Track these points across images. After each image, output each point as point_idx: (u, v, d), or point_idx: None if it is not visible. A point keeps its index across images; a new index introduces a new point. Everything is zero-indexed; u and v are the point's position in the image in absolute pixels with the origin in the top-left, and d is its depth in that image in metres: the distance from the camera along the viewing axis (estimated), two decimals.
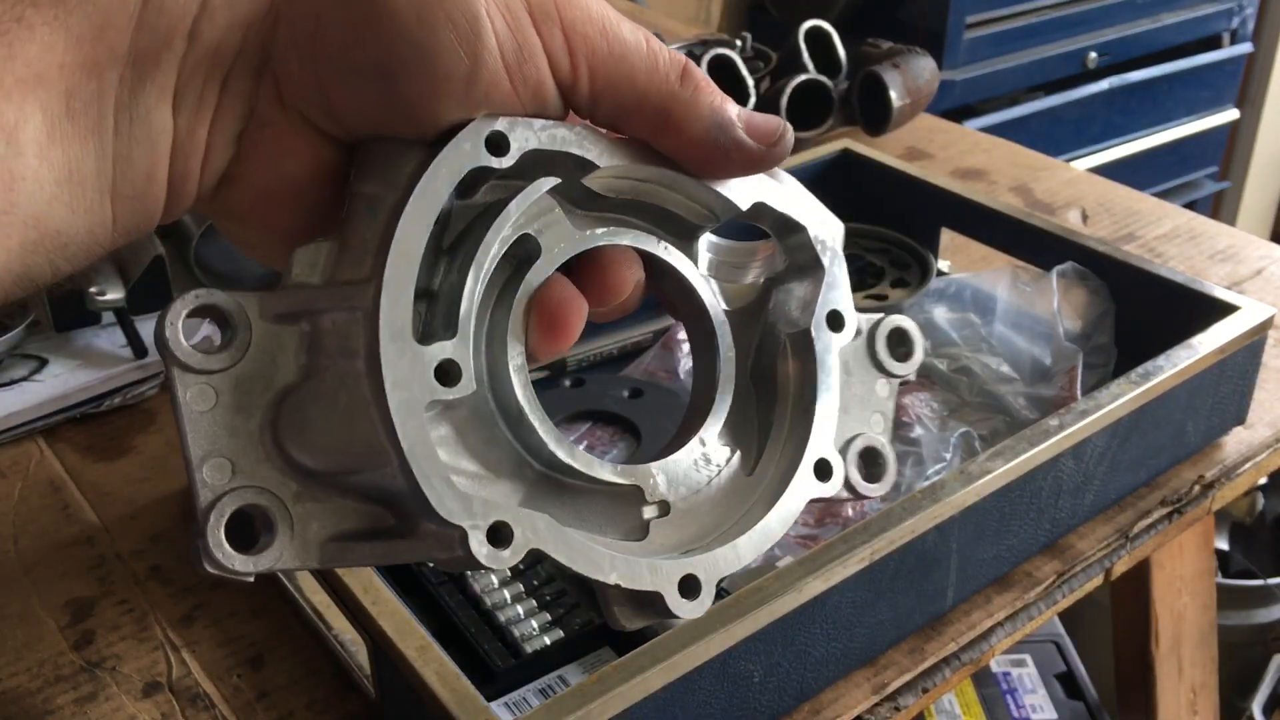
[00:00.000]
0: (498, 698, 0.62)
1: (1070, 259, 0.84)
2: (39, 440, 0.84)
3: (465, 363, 0.32)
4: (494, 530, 0.31)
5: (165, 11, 0.31)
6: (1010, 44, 2.11)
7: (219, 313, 0.32)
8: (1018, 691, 1.26)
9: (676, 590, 0.35)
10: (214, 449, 0.31)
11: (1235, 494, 0.80)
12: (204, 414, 0.31)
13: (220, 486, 0.30)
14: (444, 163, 0.33)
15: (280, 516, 0.31)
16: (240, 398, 0.31)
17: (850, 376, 0.41)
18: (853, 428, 0.40)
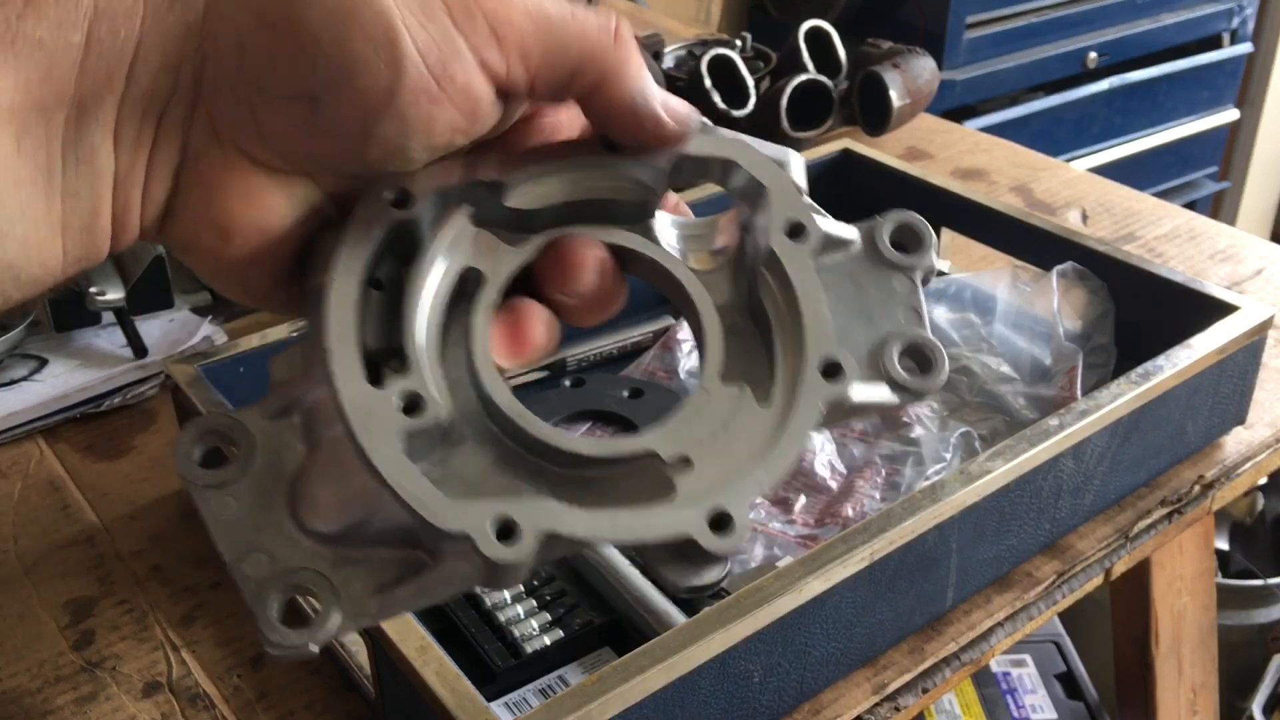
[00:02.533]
0: (498, 698, 0.62)
1: (1070, 259, 0.84)
2: (39, 440, 0.84)
3: (427, 390, 0.34)
4: (500, 527, 0.32)
5: (104, 55, 0.32)
6: (1010, 44, 2.11)
7: (221, 435, 0.35)
8: (1018, 691, 1.26)
9: (709, 529, 0.34)
10: (247, 547, 0.33)
11: (1235, 494, 0.80)
12: (229, 520, 0.34)
13: (261, 579, 0.33)
14: (351, 239, 0.36)
15: (322, 587, 0.33)
16: (259, 496, 0.34)
17: (861, 284, 0.40)
18: (882, 329, 0.39)
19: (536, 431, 0.36)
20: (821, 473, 0.77)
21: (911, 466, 0.77)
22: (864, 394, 0.38)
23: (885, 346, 0.38)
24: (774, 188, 0.39)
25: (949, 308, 0.91)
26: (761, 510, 0.75)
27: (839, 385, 0.37)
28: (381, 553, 0.34)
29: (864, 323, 0.39)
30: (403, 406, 0.34)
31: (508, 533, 0.32)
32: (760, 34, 1.35)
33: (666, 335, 0.90)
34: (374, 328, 0.36)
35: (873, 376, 0.38)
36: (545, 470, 0.36)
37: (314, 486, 0.34)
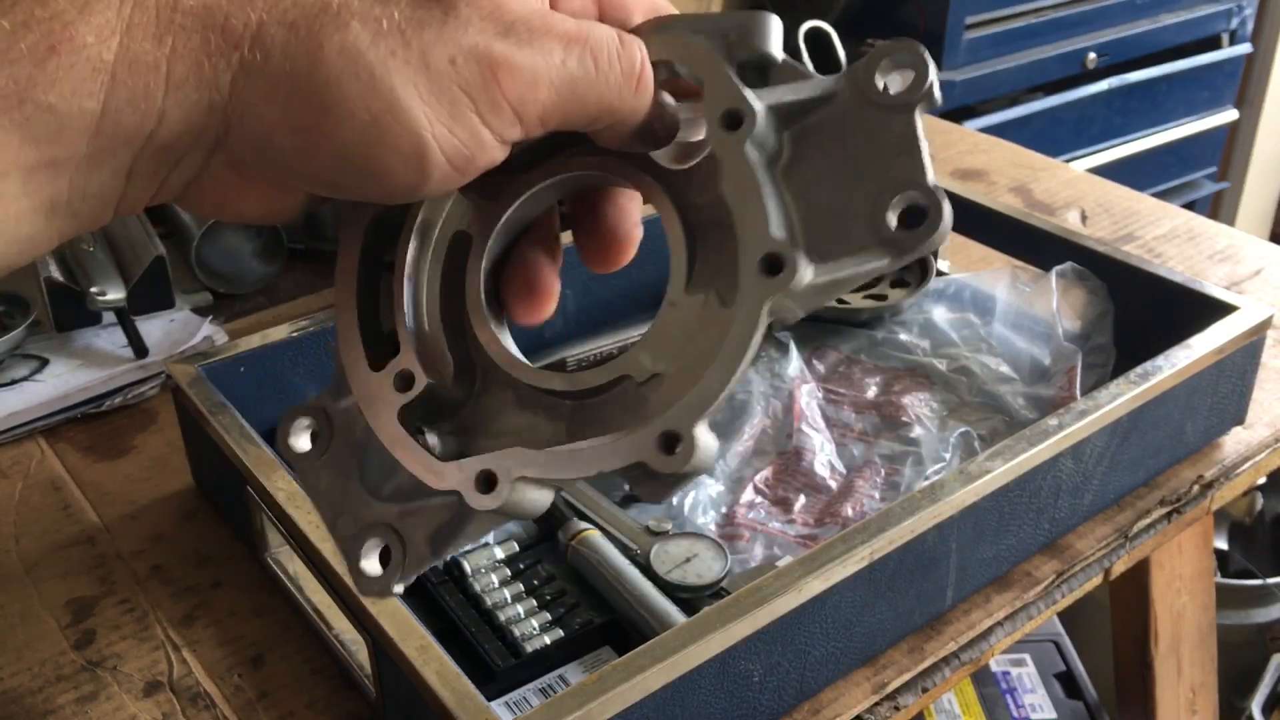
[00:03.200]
0: (498, 697, 0.62)
1: (1069, 259, 0.84)
2: (40, 440, 0.84)
3: (414, 366, 0.38)
4: (482, 479, 0.36)
5: (121, 122, 0.32)
6: (1010, 44, 2.11)
7: (308, 419, 0.40)
8: (1017, 691, 1.26)
9: (658, 451, 0.34)
10: (338, 510, 0.39)
11: (1234, 494, 0.81)
12: (322, 490, 0.39)
13: (348, 535, 0.38)
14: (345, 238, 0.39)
15: (391, 539, 0.37)
16: (340, 467, 0.39)
17: (852, 137, 0.37)
18: (879, 183, 0.36)
19: (528, 378, 0.38)
20: (821, 473, 0.77)
21: (911, 466, 0.77)
22: (833, 273, 0.35)
23: (877, 202, 0.35)
24: (708, 77, 0.37)
25: (948, 308, 0.91)
26: (761, 510, 0.75)
27: (782, 279, 0.35)
28: (432, 501, 0.37)
29: (854, 182, 0.36)
30: (396, 385, 0.38)
31: (489, 484, 0.36)
32: None
33: None
34: (388, 311, 0.39)
35: (863, 244, 0.35)
36: (555, 405, 0.38)
37: (371, 455, 0.38)
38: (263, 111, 0.33)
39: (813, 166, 0.36)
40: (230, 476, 0.69)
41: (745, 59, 0.37)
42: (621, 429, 0.35)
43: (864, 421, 0.82)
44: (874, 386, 0.85)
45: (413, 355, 0.38)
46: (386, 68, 0.32)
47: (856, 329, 0.91)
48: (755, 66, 0.37)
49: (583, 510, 0.72)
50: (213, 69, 0.32)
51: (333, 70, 0.32)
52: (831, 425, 0.82)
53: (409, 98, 0.33)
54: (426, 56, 0.33)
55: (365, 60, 0.32)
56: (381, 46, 0.32)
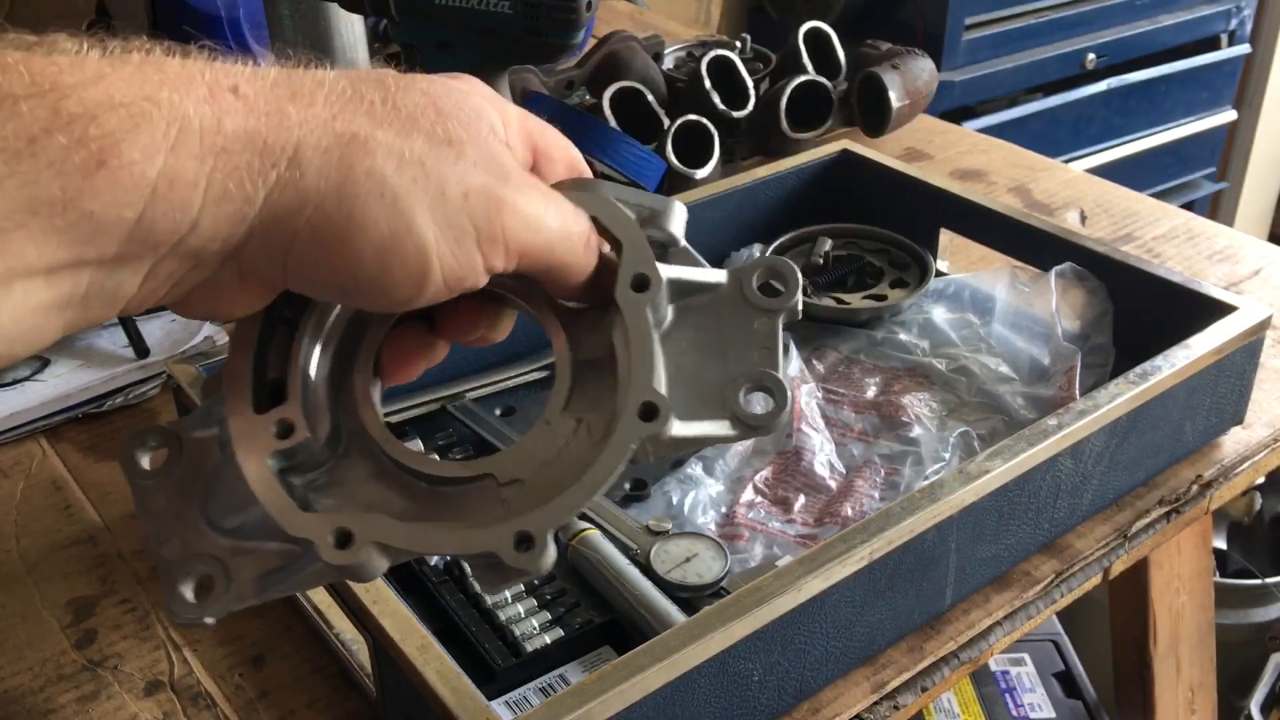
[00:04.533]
0: (498, 696, 0.62)
1: (1069, 259, 0.85)
2: (41, 440, 0.84)
3: (298, 417, 0.40)
4: (339, 536, 0.38)
5: (154, 231, 0.34)
6: (1009, 45, 2.11)
7: (158, 440, 0.41)
8: (1016, 690, 1.26)
9: (512, 547, 0.38)
10: (167, 533, 0.40)
11: (1233, 494, 0.81)
12: (156, 511, 0.40)
13: (173, 560, 0.39)
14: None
15: (217, 571, 0.39)
16: (181, 492, 0.40)
17: (725, 324, 0.43)
18: (735, 367, 0.43)
19: (393, 452, 0.41)
20: (821, 472, 0.77)
21: (910, 466, 0.77)
22: (692, 429, 0.41)
23: (733, 383, 0.42)
24: (626, 242, 0.43)
25: (948, 308, 0.91)
26: (761, 510, 0.75)
27: (654, 426, 0.40)
28: (268, 545, 0.39)
29: (719, 361, 0.43)
30: (276, 431, 0.40)
31: (345, 541, 0.38)
32: (760, 35, 1.35)
33: None
34: (279, 359, 0.42)
35: (716, 414, 0.42)
36: (412, 485, 0.41)
37: (219, 487, 0.40)
38: (290, 223, 0.36)
39: (686, 339, 0.43)
40: None
41: (653, 236, 0.43)
42: (474, 520, 0.40)
43: (863, 421, 0.83)
44: (873, 386, 0.85)
45: (298, 408, 0.40)
46: (408, 192, 0.37)
47: (856, 329, 0.91)
48: (659, 244, 0.44)
49: (583, 510, 0.72)
50: (251, 185, 0.35)
51: (360, 189, 0.36)
52: (831, 425, 0.82)
53: (424, 221, 0.37)
54: (443, 187, 0.37)
55: (390, 184, 0.36)
56: (405, 174, 0.37)
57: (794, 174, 0.99)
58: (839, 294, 0.93)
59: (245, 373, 0.41)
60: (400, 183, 0.36)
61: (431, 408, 0.83)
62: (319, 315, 0.42)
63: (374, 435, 0.42)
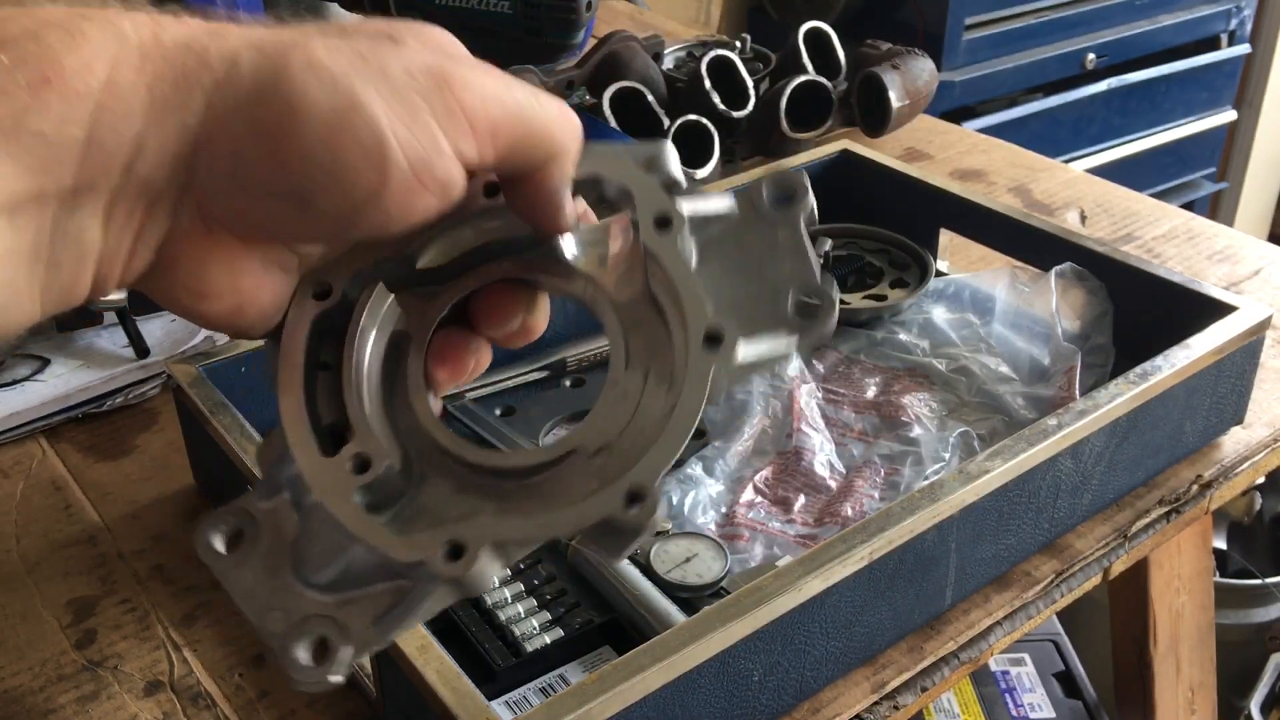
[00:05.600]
0: (498, 696, 0.62)
1: (1069, 259, 0.85)
2: (41, 440, 0.84)
3: (371, 449, 0.39)
4: (450, 548, 0.37)
5: (104, 150, 0.34)
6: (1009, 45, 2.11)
7: (230, 521, 0.40)
8: (1016, 690, 1.26)
9: (624, 508, 0.38)
10: (266, 607, 0.39)
11: (1233, 494, 0.81)
12: (248, 590, 0.39)
13: (280, 632, 0.38)
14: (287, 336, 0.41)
15: (329, 628, 0.38)
16: (268, 564, 0.40)
17: (747, 246, 0.43)
18: (773, 281, 0.42)
19: (473, 457, 0.40)
20: (821, 472, 0.77)
21: (910, 466, 0.77)
22: (756, 350, 0.41)
23: (777, 295, 0.42)
24: (637, 189, 0.42)
25: (948, 308, 0.91)
26: (761, 510, 0.75)
27: (722, 351, 0.39)
28: (375, 588, 0.39)
29: (755, 281, 0.42)
30: (353, 468, 0.39)
31: (458, 552, 0.37)
32: (760, 35, 1.35)
33: None
34: (328, 403, 0.41)
35: (771, 328, 0.41)
36: (497, 486, 0.40)
37: (307, 547, 0.39)
38: (232, 126, 0.35)
39: (717, 268, 0.42)
40: (231, 476, 0.69)
41: (659, 179, 0.43)
42: (573, 497, 0.39)
43: (863, 421, 0.83)
44: (873, 386, 0.85)
45: (368, 439, 0.40)
46: (347, 72, 0.35)
47: (856, 329, 0.91)
48: (665, 186, 0.43)
49: None
50: (188, 90, 0.35)
51: (297, 77, 0.35)
52: (831, 425, 0.82)
53: (369, 95, 0.35)
54: (385, 69, 0.36)
55: (327, 67, 0.35)
56: (342, 59, 0.35)
57: (794, 174, 0.99)
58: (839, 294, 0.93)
59: (303, 425, 0.40)
60: (338, 65, 0.35)
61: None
62: (357, 350, 0.42)
63: (448, 447, 0.41)
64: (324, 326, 0.41)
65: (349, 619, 0.38)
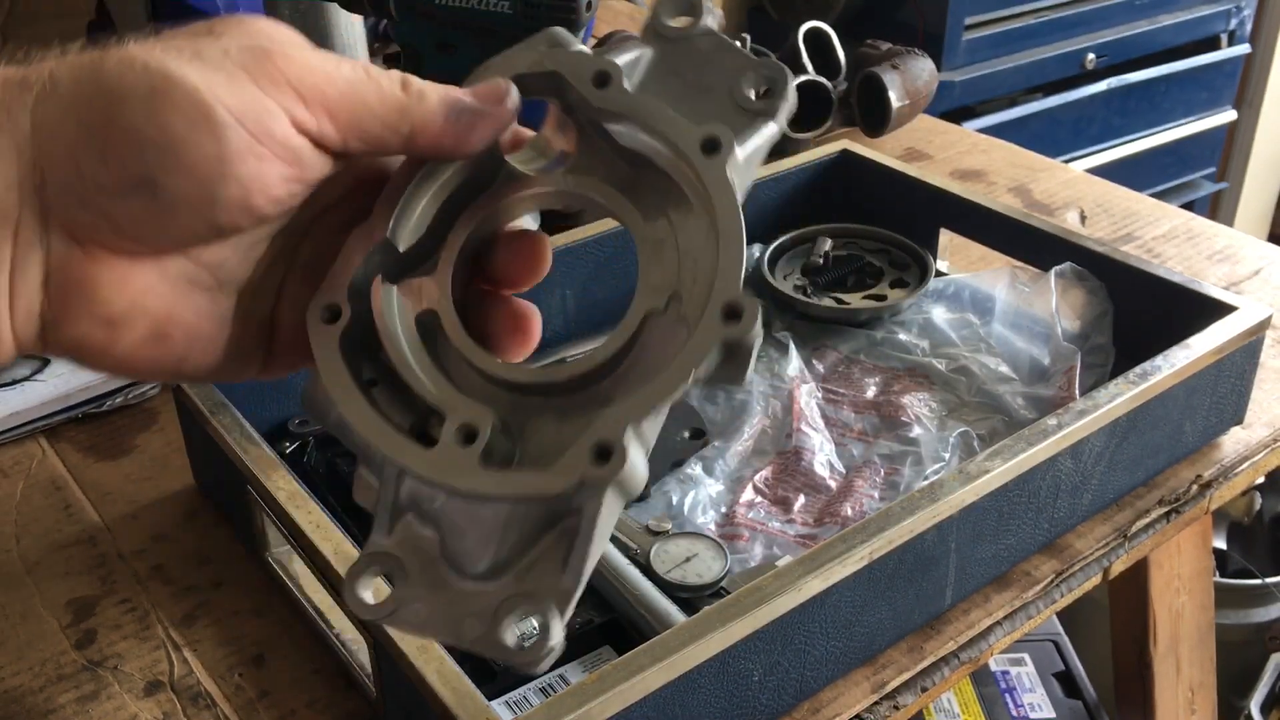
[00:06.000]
0: (498, 696, 0.62)
1: (1068, 259, 0.85)
2: (41, 440, 0.84)
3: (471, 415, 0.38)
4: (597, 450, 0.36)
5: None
6: (1009, 45, 2.11)
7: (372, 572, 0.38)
8: (1016, 690, 1.26)
9: (727, 324, 0.37)
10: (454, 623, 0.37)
11: (1233, 494, 0.81)
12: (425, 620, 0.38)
13: (482, 634, 0.37)
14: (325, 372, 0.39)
15: (524, 606, 0.37)
16: (431, 584, 0.38)
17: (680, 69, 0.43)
18: (723, 86, 0.42)
19: (560, 376, 0.39)
20: (821, 472, 0.77)
21: (910, 466, 0.77)
22: (750, 145, 0.41)
23: (733, 93, 0.41)
24: (562, 67, 0.42)
25: (948, 308, 0.91)
26: (761, 510, 0.75)
27: (724, 152, 0.39)
28: (542, 544, 0.37)
29: (705, 92, 0.42)
30: (462, 441, 0.38)
31: (606, 453, 0.36)
32: (760, 35, 1.35)
33: None
34: (398, 410, 0.40)
35: (747, 122, 0.41)
36: (595, 393, 0.39)
37: (459, 544, 0.38)
38: (62, 133, 0.35)
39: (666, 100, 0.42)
40: (231, 476, 0.69)
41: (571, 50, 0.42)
42: (675, 350, 0.38)
43: (863, 421, 0.83)
44: (873, 386, 0.85)
45: (461, 410, 0.39)
46: (160, 59, 0.35)
47: (856, 329, 0.91)
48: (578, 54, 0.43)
49: None
50: (10, 114, 0.35)
51: (112, 72, 0.35)
52: (831, 425, 0.82)
53: (184, 68, 0.35)
54: (199, 51, 0.36)
55: (139, 57, 0.35)
56: (155, 49, 0.36)
57: (794, 174, 0.99)
58: (839, 294, 0.93)
59: (394, 437, 0.39)
60: (151, 54, 0.35)
61: None
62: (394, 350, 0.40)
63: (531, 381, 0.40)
64: (352, 346, 0.40)
65: (536, 585, 0.37)
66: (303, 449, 0.77)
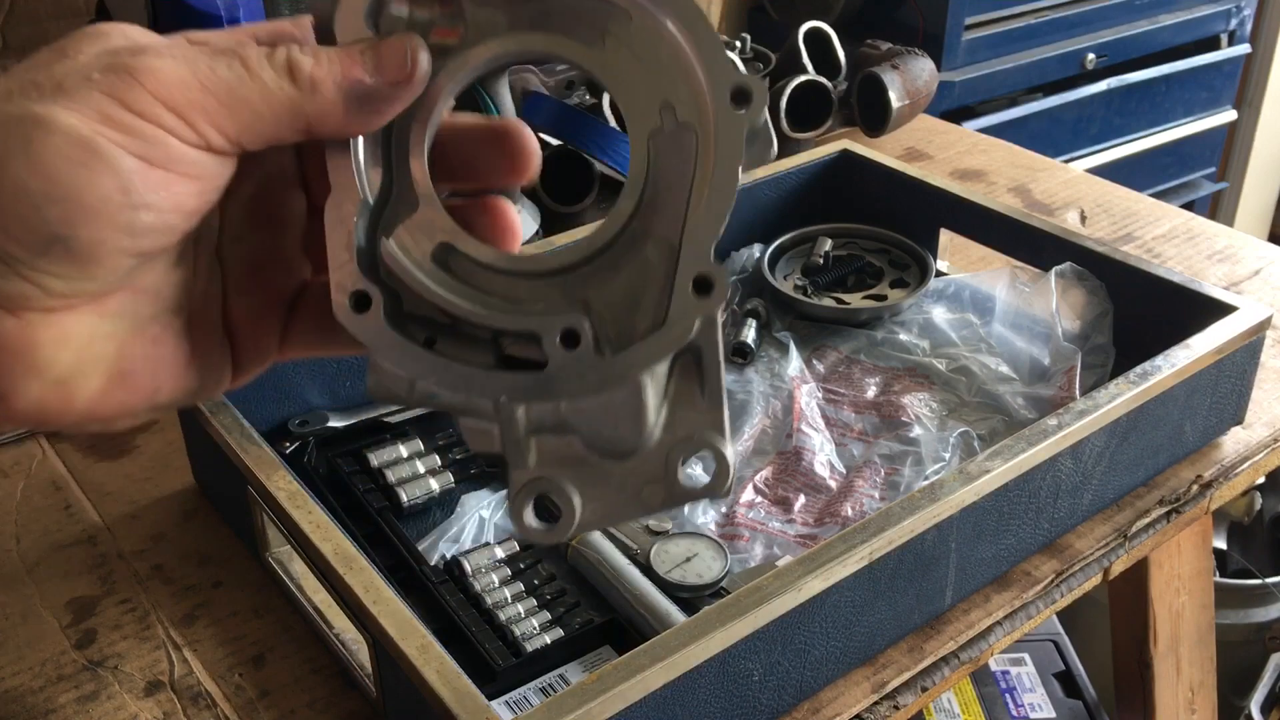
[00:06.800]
0: (498, 696, 0.62)
1: (1069, 259, 0.85)
2: (41, 440, 0.84)
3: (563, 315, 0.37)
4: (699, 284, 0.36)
5: None
6: (1009, 45, 2.11)
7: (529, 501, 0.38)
8: (1016, 690, 1.26)
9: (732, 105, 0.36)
10: (632, 503, 0.38)
11: (1233, 493, 0.81)
12: (609, 512, 0.38)
13: (664, 496, 0.38)
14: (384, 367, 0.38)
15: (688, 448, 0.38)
16: (593, 480, 0.38)
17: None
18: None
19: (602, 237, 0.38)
20: (821, 472, 0.77)
21: (910, 466, 0.77)
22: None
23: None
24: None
25: (948, 308, 0.91)
26: (761, 510, 0.75)
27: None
28: (673, 391, 0.38)
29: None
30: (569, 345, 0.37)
31: (707, 285, 0.36)
32: (760, 35, 1.35)
33: None
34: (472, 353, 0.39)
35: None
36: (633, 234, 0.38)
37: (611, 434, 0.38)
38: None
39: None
40: (231, 476, 0.69)
41: None
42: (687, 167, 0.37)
43: (864, 421, 0.83)
44: (874, 386, 0.85)
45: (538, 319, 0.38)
46: (21, 104, 0.33)
47: (856, 329, 0.91)
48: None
49: None
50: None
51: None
52: (831, 425, 0.82)
53: (51, 110, 0.33)
54: (61, 84, 0.34)
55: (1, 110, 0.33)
56: (15, 100, 0.33)
57: (794, 174, 0.99)
58: (839, 294, 0.93)
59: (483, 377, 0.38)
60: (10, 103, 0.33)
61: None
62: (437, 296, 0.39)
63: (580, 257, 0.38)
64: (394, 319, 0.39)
65: (688, 428, 0.38)
66: (303, 449, 0.78)
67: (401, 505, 0.74)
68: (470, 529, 0.73)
